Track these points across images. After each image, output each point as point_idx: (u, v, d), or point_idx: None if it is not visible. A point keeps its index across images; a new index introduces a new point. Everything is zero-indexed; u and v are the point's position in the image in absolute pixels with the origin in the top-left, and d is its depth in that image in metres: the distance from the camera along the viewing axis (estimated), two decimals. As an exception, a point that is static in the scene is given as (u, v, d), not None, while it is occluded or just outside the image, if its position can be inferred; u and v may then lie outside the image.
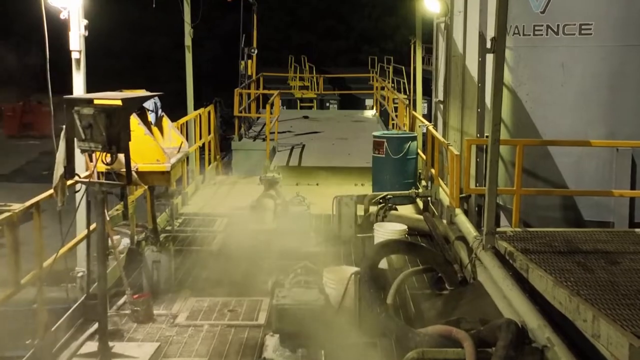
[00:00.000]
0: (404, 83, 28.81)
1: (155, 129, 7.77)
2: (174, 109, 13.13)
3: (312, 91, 31.80)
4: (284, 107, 29.79)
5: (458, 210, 8.40)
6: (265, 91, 23.68)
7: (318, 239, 9.44)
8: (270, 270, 8.25)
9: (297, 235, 9.23)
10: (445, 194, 9.29)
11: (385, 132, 13.37)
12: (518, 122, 9.64)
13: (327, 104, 32.26)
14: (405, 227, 8.50)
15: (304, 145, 18.48)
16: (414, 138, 12.05)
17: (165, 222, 10.05)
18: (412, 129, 14.32)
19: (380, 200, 9.92)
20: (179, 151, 7.69)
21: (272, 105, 18.08)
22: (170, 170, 7.11)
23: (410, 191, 10.45)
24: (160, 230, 9.73)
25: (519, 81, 9.64)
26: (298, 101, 30.99)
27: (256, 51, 21.86)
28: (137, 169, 6.91)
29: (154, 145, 6.98)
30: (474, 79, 11.00)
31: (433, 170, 10.35)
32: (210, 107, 14.02)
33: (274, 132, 18.36)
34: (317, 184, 13.50)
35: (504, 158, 9.38)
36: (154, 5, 10.04)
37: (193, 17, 13.28)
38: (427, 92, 17.17)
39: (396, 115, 19.84)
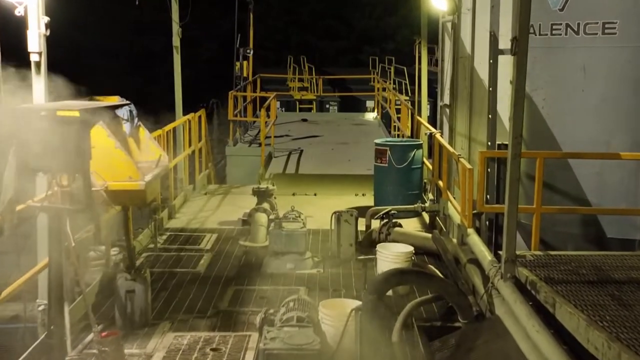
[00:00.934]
0: (405, 84, 28.06)
1: (130, 140, 6.90)
2: (173, 110, 12.37)
3: (312, 93, 30.93)
4: (283, 109, 29.02)
5: (470, 230, 7.53)
6: (262, 93, 22.81)
7: (315, 260, 8.56)
8: (262, 297, 7.42)
9: (292, 255, 8.37)
10: (455, 210, 8.42)
11: (388, 139, 12.49)
12: (533, 130, 8.83)
13: (327, 106, 31.46)
14: (411, 249, 7.62)
15: (302, 151, 17.65)
16: (419, 146, 11.17)
17: (149, 240, 9.18)
18: (416, 135, 13.46)
19: (383, 216, 9.05)
20: (157, 165, 6.82)
21: (268, 108, 17.22)
22: (146, 188, 6.23)
23: (415, 205, 9.58)
24: (141, 250, 8.89)
25: (534, 85, 8.84)
26: (297, 103, 30.15)
27: (252, 52, 20.95)
28: (106, 187, 6.05)
29: (126, 160, 6.11)
30: (484, 82, 10.31)
31: (441, 183, 9.47)
32: (202, 112, 13.15)
33: (270, 137, 17.52)
34: (315, 194, 12.63)
35: (518, 168, 8.57)
36: (137, 3, 9.19)
37: (183, 16, 12.42)
38: (430, 94, 16.38)
39: (398, 118, 19.02)
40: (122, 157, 6.10)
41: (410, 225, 10.23)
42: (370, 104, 29.67)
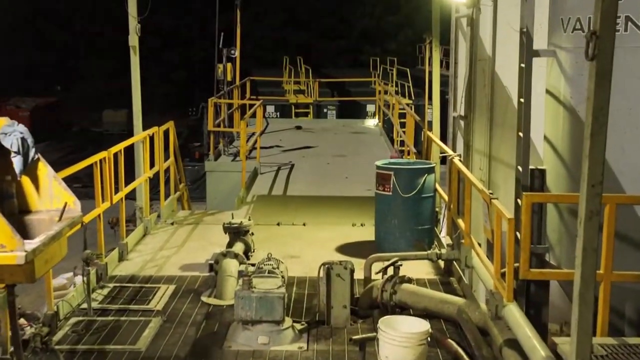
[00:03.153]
0: (408, 87, 26.30)
1: (25, 181, 4.83)
2: (165, 112, 10.64)
3: (308, 96, 28.84)
4: (277, 114, 27.02)
5: (508, 302, 5.43)
6: (252, 100, 20.69)
7: (296, 329, 6.45)
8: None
9: (266, 325, 6.26)
10: (484, 267, 6.31)
11: (392, 160, 10.32)
12: (579, 154, 6.83)
13: (325, 111, 29.39)
14: (427, 327, 5.49)
15: (292, 165, 15.60)
16: (431, 170, 9.02)
17: (82, 297, 7.06)
18: (425, 154, 11.37)
19: (387, 268, 6.94)
20: (61, 217, 4.73)
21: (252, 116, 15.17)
22: (30, 259, 4.14)
23: (430, 252, 7.46)
24: (69, 313, 6.81)
25: (581, 96, 7.06)
26: (293, 107, 28.07)
27: (237, 53, 18.83)
28: (-35, 261, 3.98)
29: (-4, 220, 4.03)
30: (507, 89, 8.62)
31: (461, 223, 7.34)
32: (169, 124, 11.04)
33: (256, 148, 15.47)
34: (304, 224, 10.51)
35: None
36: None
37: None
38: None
39: (402, 124, 17.00)
40: (-10, 216, 4.02)
41: (421, 270, 8.15)
42: (371, 108, 27.66)
